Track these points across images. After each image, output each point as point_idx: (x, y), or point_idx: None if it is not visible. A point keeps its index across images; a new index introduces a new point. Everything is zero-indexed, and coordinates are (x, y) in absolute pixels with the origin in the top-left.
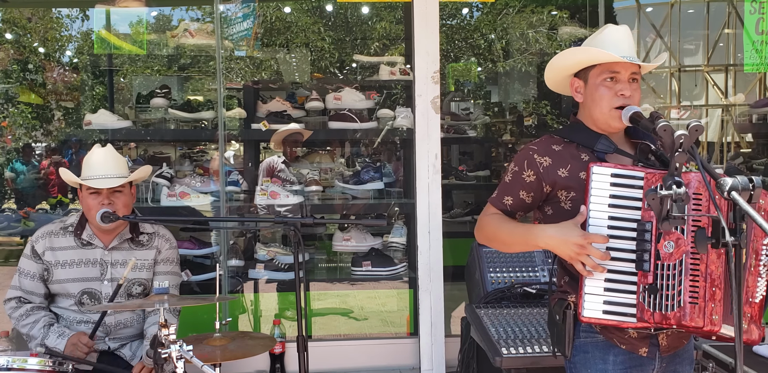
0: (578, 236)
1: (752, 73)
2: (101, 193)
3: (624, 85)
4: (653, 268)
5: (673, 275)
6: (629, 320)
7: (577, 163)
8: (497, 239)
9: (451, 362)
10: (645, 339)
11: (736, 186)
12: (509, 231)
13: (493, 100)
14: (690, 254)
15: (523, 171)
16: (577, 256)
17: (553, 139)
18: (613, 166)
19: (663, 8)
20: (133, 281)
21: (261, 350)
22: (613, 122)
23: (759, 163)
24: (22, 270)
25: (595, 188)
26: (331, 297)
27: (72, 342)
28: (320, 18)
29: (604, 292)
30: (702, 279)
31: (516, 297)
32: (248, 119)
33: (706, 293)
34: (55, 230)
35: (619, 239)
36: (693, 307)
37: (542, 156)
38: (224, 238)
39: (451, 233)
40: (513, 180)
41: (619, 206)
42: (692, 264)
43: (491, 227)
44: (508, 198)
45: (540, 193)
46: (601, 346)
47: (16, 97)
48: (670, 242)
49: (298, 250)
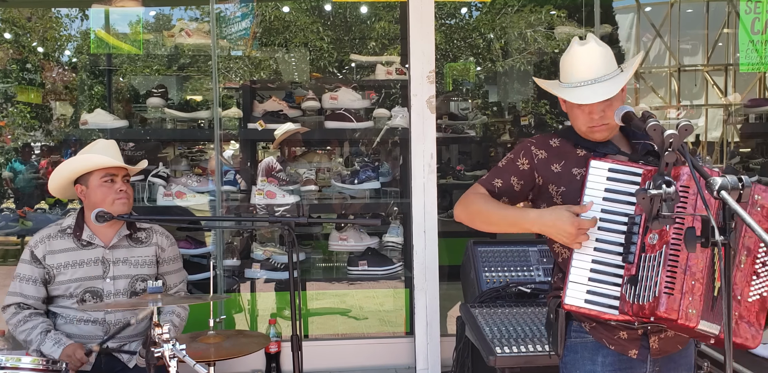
0: (571, 224)
1: (752, 73)
2: (116, 180)
3: (594, 107)
4: (637, 259)
5: (653, 266)
6: (610, 312)
7: (571, 159)
8: (481, 216)
9: (447, 361)
10: (635, 341)
11: (726, 185)
12: (498, 211)
13: (491, 100)
14: (670, 244)
15: (518, 159)
16: (571, 242)
17: (552, 136)
18: (612, 162)
19: (662, 7)
20: (136, 277)
21: (255, 348)
22: (595, 136)
23: (756, 162)
24: (22, 276)
25: (591, 181)
26: (328, 297)
27: (67, 354)
28: (319, 17)
29: (588, 281)
30: (680, 271)
31: (511, 296)
32: (245, 119)
33: (683, 285)
34: (53, 233)
35: (608, 231)
36: (667, 297)
37: (539, 149)
38: (220, 237)
39: (448, 232)
40: (506, 165)
41: (613, 199)
42: (671, 255)
43: (477, 204)
44: (498, 180)
45: (531, 183)
46: (590, 346)
47: (14, 97)
48: (654, 234)
49: (293, 249)
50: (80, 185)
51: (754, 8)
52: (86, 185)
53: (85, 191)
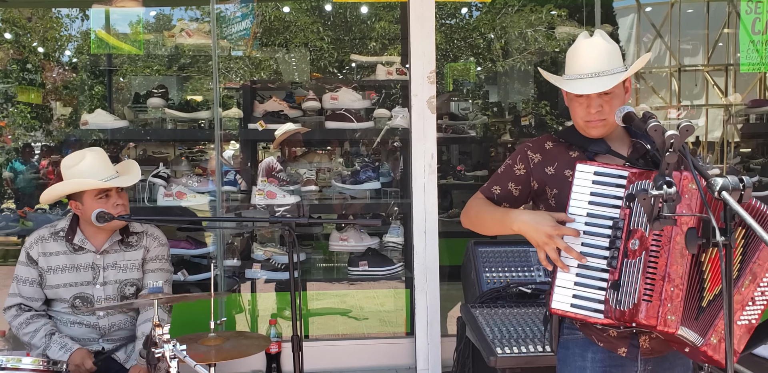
0: (550, 227)
1: (752, 73)
2: (110, 195)
3: (592, 101)
4: (620, 265)
5: (633, 272)
6: (596, 316)
7: (564, 161)
8: (477, 220)
9: (447, 361)
10: (625, 339)
11: (727, 186)
12: (488, 213)
13: (491, 100)
14: (650, 251)
15: (515, 164)
16: (544, 244)
17: (549, 138)
18: (597, 165)
19: (663, 8)
20: (125, 282)
21: (256, 349)
22: (591, 132)
23: (756, 163)
24: (19, 277)
25: (577, 184)
26: (328, 297)
27: (75, 363)
28: (319, 17)
29: (574, 286)
30: (659, 277)
31: (511, 297)
32: (245, 119)
33: (662, 291)
34: (46, 235)
35: (594, 235)
36: (647, 304)
37: (535, 153)
38: (220, 238)
39: (449, 232)
40: (504, 172)
41: (599, 203)
42: (651, 262)
43: (473, 209)
44: (497, 188)
45: (527, 188)
46: (580, 343)
47: (15, 97)
48: (636, 240)
49: (293, 250)
50: (74, 202)
51: (755, 8)
52: (81, 202)
53: (81, 207)
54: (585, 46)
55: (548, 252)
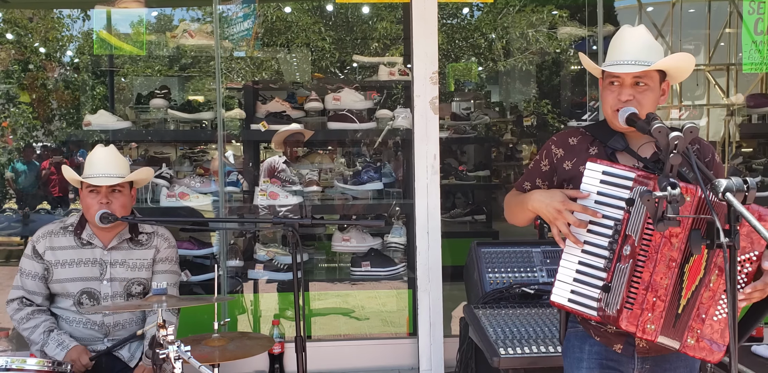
0: (559, 201)
1: (754, 73)
2: (100, 192)
3: (625, 89)
4: (613, 268)
5: (621, 277)
6: (590, 313)
7: (582, 158)
8: (509, 212)
9: (450, 362)
10: (621, 336)
11: (731, 187)
12: (515, 203)
13: (493, 100)
14: (637, 260)
15: (542, 160)
16: (554, 219)
17: (575, 132)
18: (607, 165)
19: (664, 7)
20: (132, 281)
21: (259, 350)
22: (616, 122)
23: (758, 163)
24: (23, 270)
25: (585, 183)
26: (331, 297)
27: (72, 358)
28: (321, 18)
29: (573, 281)
30: (642, 287)
31: (514, 297)
32: (248, 120)
33: (644, 301)
34: (55, 229)
35: (597, 235)
36: (627, 312)
37: (558, 148)
38: (224, 238)
39: (451, 233)
40: (533, 168)
41: (604, 203)
42: (636, 271)
43: (506, 203)
44: (527, 183)
45: (552, 183)
46: (580, 336)
47: (17, 98)
48: (628, 246)
49: (296, 250)
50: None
51: (757, 9)
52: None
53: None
54: (628, 35)
55: (559, 227)
